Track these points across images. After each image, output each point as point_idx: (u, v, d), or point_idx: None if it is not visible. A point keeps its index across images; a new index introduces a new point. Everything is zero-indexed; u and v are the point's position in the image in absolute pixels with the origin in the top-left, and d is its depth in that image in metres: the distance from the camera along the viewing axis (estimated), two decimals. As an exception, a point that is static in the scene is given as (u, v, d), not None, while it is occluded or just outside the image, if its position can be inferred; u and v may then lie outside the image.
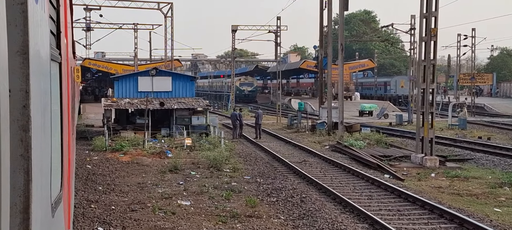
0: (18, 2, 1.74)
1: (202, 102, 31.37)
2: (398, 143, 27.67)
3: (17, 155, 1.75)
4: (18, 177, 1.76)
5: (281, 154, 23.59)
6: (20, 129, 1.75)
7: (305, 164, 20.51)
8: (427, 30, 20.07)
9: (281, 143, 28.79)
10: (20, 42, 1.75)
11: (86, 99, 61.95)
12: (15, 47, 1.74)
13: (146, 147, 24.75)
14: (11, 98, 1.66)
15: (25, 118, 1.76)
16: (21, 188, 1.77)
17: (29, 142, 1.77)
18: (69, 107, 4.30)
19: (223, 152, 21.49)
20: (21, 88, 1.75)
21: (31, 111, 1.79)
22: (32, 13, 1.84)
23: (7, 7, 1.65)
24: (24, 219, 1.76)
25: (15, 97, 1.73)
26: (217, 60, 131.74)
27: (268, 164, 20.85)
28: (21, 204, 1.76)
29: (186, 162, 21.23)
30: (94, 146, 25.20)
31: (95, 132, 33.25)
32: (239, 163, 21.30)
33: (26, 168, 1.77)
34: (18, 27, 1.74)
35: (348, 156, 22.63)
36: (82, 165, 20.49)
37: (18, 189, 1.76)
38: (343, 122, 27.30)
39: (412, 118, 39.51)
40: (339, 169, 19.23)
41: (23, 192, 1.77)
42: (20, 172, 1.77)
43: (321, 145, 27.44)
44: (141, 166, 20.69)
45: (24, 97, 1.75)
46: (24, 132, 1.76)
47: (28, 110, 1.76)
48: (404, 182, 17.15)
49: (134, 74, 32.97)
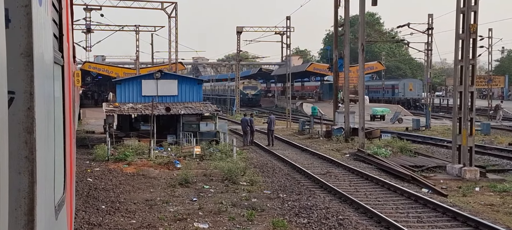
0: (22, 4, 1.75)
1: (210, 106, 29.36)
2: (423, 150, 25.64)
3: (22, 157, 1.77)
4: (22, 179, 1.78)
5: (300, 163, 21.57)
6: (25, 131, 1.75)
7: (331, 176, 18.47)
8: (465, 26, 18.08)
9: (297, 150, 26.77)
10: (25, 44, 1.76)
11: (86, 103, 60.01)
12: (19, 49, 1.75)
13: (152, 157, 22.73)
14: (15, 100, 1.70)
15: (29, 120, 1.77)
16: (25, 190, 1.77)
17: (33, 144, 1.78)
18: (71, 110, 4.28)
19: (239, 163, 19.44)
20: (25, 90, 1.76)
21: (36, 113, 1.80)
22: (36, 16, 1.85)
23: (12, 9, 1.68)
24: (28, 221, 1.76)
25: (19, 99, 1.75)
26: (219, 63, 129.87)
27: (288, 176, 18.82)
28: (26, 206, 1.76)
29: (197, 174, 19.20)
30: (96, 156, 23.18)
31: (96, 139, 31.24)
32: (255, 174, 19.28)
33: (30, 170, 1.78)
34: (23, 29, 1.75)
35: (374, 166, 20.60)
36: (82, 178, 18.45)
37: (23, 191, 1.77)
38: (364, 128, 25.31)
39: (429, 122, 37.53)
40: (370, 182, 17.18)
41: (28, 194, 1.77)
42: (24, 174, 1.78)
43: (341, 153, 25.41)
44: (147, 179, 18.66)
45: (29, 99, 1.77)
46: (29, 134, 1.76)
47: (32, 112, 1.78)
48: (447, 198, 15.12)
49: (138, 77, 30.97)
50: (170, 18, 43.24)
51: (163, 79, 29.47)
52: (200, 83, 30.95)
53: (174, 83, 29.81)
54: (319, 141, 30.68)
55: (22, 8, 1.74)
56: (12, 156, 1.66)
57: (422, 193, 15.18)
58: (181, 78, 31.17)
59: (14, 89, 1.70)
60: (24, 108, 1.76)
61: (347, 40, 28.52)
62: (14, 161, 1.71)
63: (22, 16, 1.74)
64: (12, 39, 1.70)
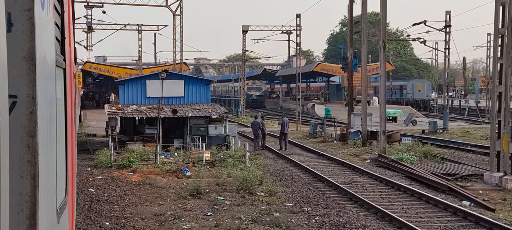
0: (25, 8, 1.76)
1: (219, 108, 27.64)
2: (448, 155, 23.90)
3: (24, 161, 1.76)
4: (25, 183, 1.77)
5: (320, 170, 19.85)
6: (27, 135, 1.75)
7: (357, 185, 16.74)
8: (505, 20, 16.36)
9: (312, 155, 25.04)
10: (27, 48, 1.76)
11: (87, 105, 58.36)
12: (22, 53, 1.75)
13: (158, 163, 21.02)
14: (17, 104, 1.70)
15: (32, 124, 1.77)
16: (28, 194, 1.76)
17: (36, 148, 1.78)
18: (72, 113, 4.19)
19: (255, 171, 17.71)
20: (28, 94, 1.76)
21: (38, 117, 1.80)
22: (38, 19, 1.85)
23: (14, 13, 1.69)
24: (31, 225, 1.76)
25: (22, 103, 1.75)
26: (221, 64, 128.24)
27: (309, 185, 17.10)
28: (28, 209, 1.76)
29: (209, 183, 17.49)
30: (98, 162, 21.47)
31: (98, 143, 29.55)
32: (272, 182, 17.57)
33: (33, 174, 1.77)
34: (25, 33, 1.76)
35: (401, 174, 18.88)
36: (83, 188, 16.75)
37: (25, 195, 1.77)
38: (386, 131, 23.58)
39: (447, 125, 35.79)
40: (404, 193, 15.44)
41: (30, 198, 1.76)
42: (27, 178, 1.77)
43: (360, 158, 23.68)
44: (155, 189, 16.94)
45: (31, 103, 1.76)
46: (31, 138, 1.76)
47: (35, 116, 1.78)
48: (495, 212, 13.40)
49: (142, 78, 29.26)
50: (174, 15, 41.47)
51: (168, 80, 27.76)
52: (208, 83, 29.24)
53: (181, 83, 28.11)
54: (333, 145, 28.96)
55: (25, 12, 1.75)
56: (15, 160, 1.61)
57: (465, 207, 13.47)
58: (187, 78, 29.46)
59: (17, 93, 1.70)
60: (26, 112, 1.77)
61: (365, 37, 26.80)
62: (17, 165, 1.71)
63: (25, 20, 1.75)
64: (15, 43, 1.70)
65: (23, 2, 1.76)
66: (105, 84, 68.38)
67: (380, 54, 24.02)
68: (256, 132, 27.27)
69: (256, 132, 27.27)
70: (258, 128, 27.14)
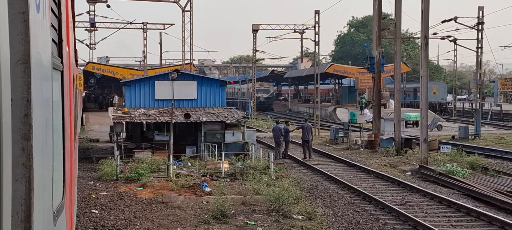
0: (19, 11, 1.75)
1: (236, 112, 24.94)
2: (496, 166, 21.14)
3: (19, 164, 1.76)
4: (19, 186, 1.76)
5: (359, 185, 17.14)
6: (22, 138, 1.75)
7: (413, 207, 13.99)
8: None
9: (342, 165, 22.32)
10: (22, 51, 1.76)
11: (90, 107, 55.79)
12: (16, 56, 1.75)
13: (171, 175, 18.32)
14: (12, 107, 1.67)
15: (26, 127, 1.76)
16: (22, 197, 1.76)
17: (30, 151, 1.77)
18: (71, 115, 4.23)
19: (290, 188, 14.97)
20: (22, 97, 1.75)
21: (33, 120, 1.80)
22: (33, 22, 1.86)
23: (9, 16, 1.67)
24: (25, 228, 1.76)
25: (16, 106, 1.74)
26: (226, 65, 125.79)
27: (355, 206, 14.36)
28: (23, 213, 1.75)
29: (234, 202, 14.76)
30: (102, 174, 18.78)
31: (101, 149, 26.90)
32: (308, 201, 14.86)
33: (28, 177, 1.77)
34: (20, 36, 1.76)
35: (456, 191, 16.15)
36: (85, 208, 14.04)
37: (20, 198, 1.76)
38: (427, 139, 20.83)
39: (480, 130, 33.01)
40: (477, 219, 12.64)
41: (25, 201, 1.76)
42: (21, 181, 1.76)
43: (398, 170, 20.95)
44: (171, 210, 14.23)
45: (26, 106, 1.76)
46: (26, 141, 1.75)
47: (29, 119, 1.77)
48: None
49: (150, 78, 26.57)
50: (184, 12, 38.70)
51: (180, 80, 25.07)
52: (223, 84, 26.52)
53: (193, 84, 25.42)
54: (360, 153, 26.23)
55: (19, 15, 1.74)
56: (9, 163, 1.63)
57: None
58: (200, 79, 26.77)
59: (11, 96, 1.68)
60: (21, 115, 1.76)
61: (400, 32, 24.08)
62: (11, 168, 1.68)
63: (19, 23, 1.74)
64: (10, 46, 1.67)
65: (17, 5, 1.74)
66: (108, 86, 65.77)
67: (421, 53, 21.26)
68: (277, 139, 24.56)
69: (277, 139, 24.55)
70: (279, 134, 24.42)
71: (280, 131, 24.44)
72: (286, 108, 74.55)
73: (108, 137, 29.84)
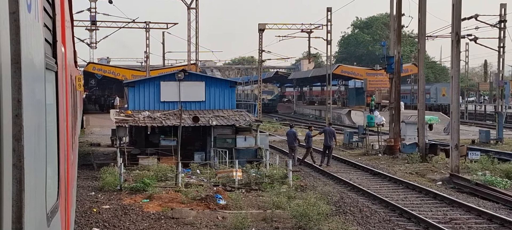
0: (9, 11, 1.72)
1: (247, 116, 23.22)
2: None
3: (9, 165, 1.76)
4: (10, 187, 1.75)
5: (390, 198, 15.40)
6: (13, 139, 1.72)
7: (461, 227, 12.28)
8: None
9: (364, 173, 20.61)
10: (12, 51, 1.74)
11: (90, 109, 54.06)
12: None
13: (180, 185, 16.62)
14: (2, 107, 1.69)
15: (17, 128, 1.74)
16: (13, 198, 1.72)
17: (21, 151, 1.75)
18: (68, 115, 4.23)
19: (318, 203, 13.23)
20: (13, 97, 1.73)
21: (24, 121, 1.78)
22: (24, 22, 1.83)
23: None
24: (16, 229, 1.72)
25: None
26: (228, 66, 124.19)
27: (392, 224, 12.63)
28: (14, 214, 1.71)
29: (253, 219, 13.04)
30: (104, 183, 17.05)
31: (103, 155, 25.20)
32: (336, 215, 13.16)
33: (18, 177, 1.74)
34: (10, 36, 1.73)
35: (501, 204, 14.45)
36: (84, 226, 12.32)
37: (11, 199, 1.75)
38: (459, 145, 19.14)
39: (503, 135, 31.30)
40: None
41: (16, 203, 1.72)
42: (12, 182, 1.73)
43: (426, 178, 19.24)
44: (182, 227, 12.52)
45: (16, 106, 1.74)
46: (17, 141, 1.73)
47: (20, 120, 1.75)
48: None
49: (155, 78, 24.89)
50: (189, 9, 37.00)
51: (186, 81, 23.38)
52: (233, 85, 24.81)
53: (201, 85, 23.71)
54: (379, 158, 24.51)
55: (10, 15, 1.72)
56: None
57: None
58: (209, 79, 25.07)
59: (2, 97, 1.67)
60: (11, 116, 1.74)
61: (424, 30, 22.39)
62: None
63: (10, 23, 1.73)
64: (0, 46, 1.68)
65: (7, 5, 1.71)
66: (109, 87, 64.08)
67: (452, 51, 19.53)
68: (291, 144, 22.84)
69: (291, 143, 22.84)
70: (294, 139, 22.72)
71: (294, 135, 22.73)
72: (290, 110, 72.92)
73: (109, 141, 28.20)
